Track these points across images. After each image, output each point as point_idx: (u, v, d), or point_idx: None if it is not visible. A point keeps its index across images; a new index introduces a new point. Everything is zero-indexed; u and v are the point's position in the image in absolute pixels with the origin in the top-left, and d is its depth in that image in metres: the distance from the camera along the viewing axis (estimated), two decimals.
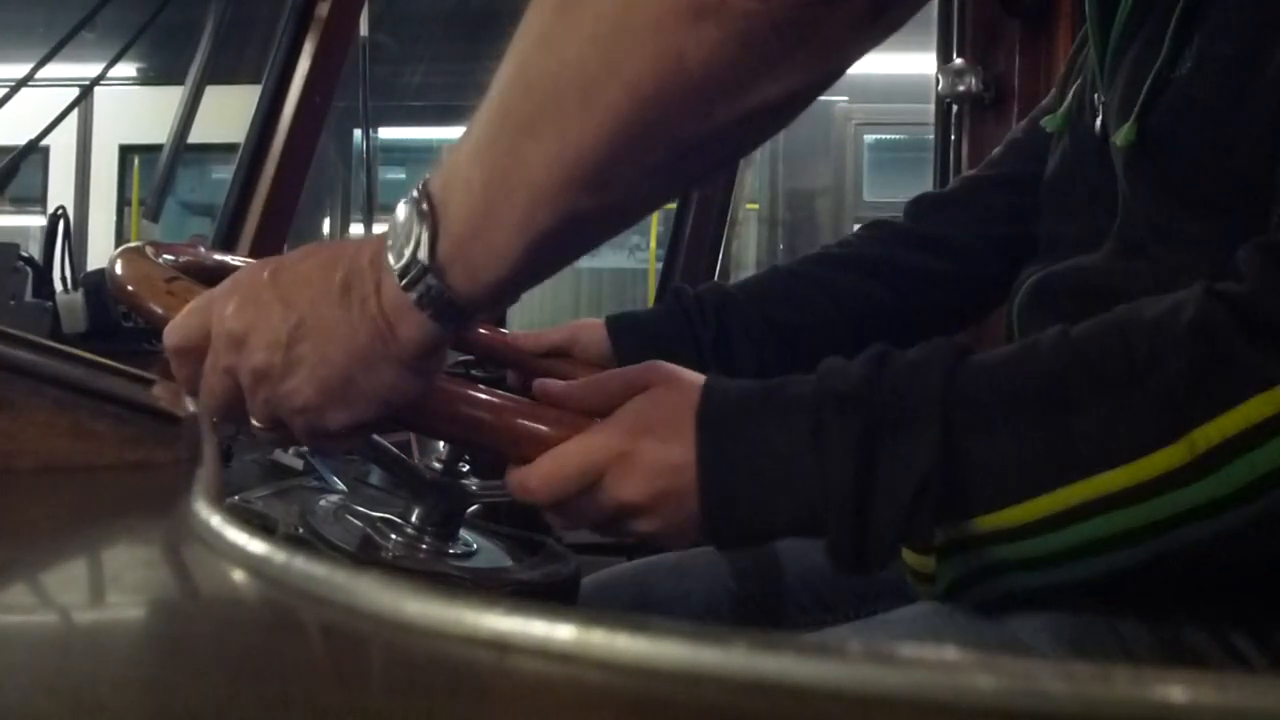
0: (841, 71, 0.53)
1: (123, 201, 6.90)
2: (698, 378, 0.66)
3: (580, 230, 0.56)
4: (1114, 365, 0.59)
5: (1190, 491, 0.57)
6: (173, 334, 0.64)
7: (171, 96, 1.86)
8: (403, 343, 0.59)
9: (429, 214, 0.56)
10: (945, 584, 0.63)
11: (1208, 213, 0.68)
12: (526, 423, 0.65)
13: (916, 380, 0.61)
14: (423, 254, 0.56)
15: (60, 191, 6.41)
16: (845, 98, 6.79)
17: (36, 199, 6.24)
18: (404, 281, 0.57)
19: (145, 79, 6.49)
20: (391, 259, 0.57)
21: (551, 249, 0.56)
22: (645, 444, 0.63)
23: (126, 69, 6.44)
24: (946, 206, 1.08)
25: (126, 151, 6.82)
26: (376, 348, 0.59)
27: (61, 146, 6.52)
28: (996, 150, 1.12)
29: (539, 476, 0.64)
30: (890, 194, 6.81)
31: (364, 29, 1.86)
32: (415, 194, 0.57)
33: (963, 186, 1.10)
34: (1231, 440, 0.56)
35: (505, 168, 0.54)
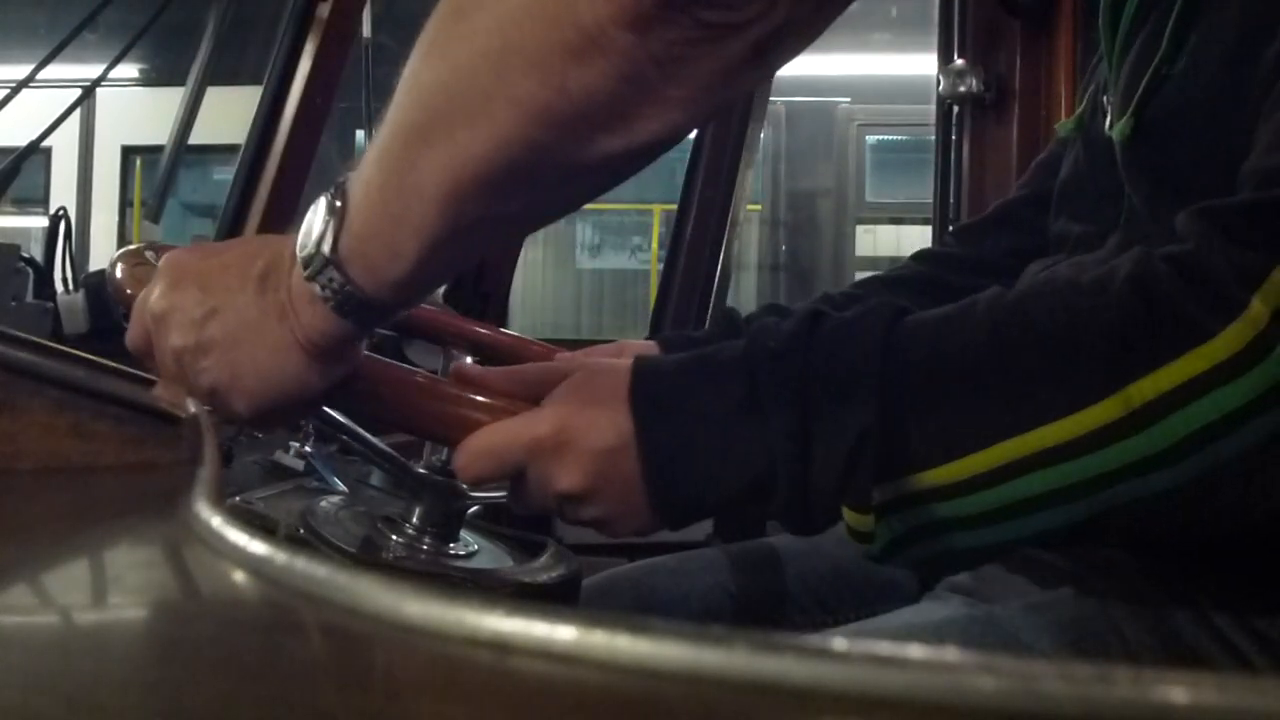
0: (726, 105, 0.55)
1: (124, 202, 6.90)
2: (627, 361, 0.65)
3: (473, 236, 0.57)
4: (1051, 321, 0.59)
5: (1125, 446, 0.57)
6: (129, 338, 0.68)
7: (173, 97, 1.86)
8: (307, 331, 0.61)
9: (339, 210, 0.58)
10: (883, 543, 0.62)
11: None
12: (449, 406, 0.65)
13: (852, 337, 0.61)
14: (325, 247, 0.58)
15: (62, 193, 6.40)
16: (848, 99, 6.79)
17: (39, 200, 6.24)
18: (307, 272, 0.59)
19: (147, 80, 6.48)
20: (299, 250, 0.60)
21: (448, 252, 0.58)
22: (573, 429, 0.63)
23: (128, 70, 6.44)
24: (984, 230, 1.10)
25: (129, 153, 6.82)
26: (283, 335, 0.61)
27: (64, 148, 6.51)
28: (1026, 174, 1.14)
29: (465, 455, 0.65)
30: (892, 195, 6.82)
31: (366, 30, 1.86)
32: (333, 189, 0.59)
33: (996, 210, 1.13)
34: (1166, 395, 0.56)
35: (400, 172, 0.56)
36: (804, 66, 6.70)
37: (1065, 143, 0.97)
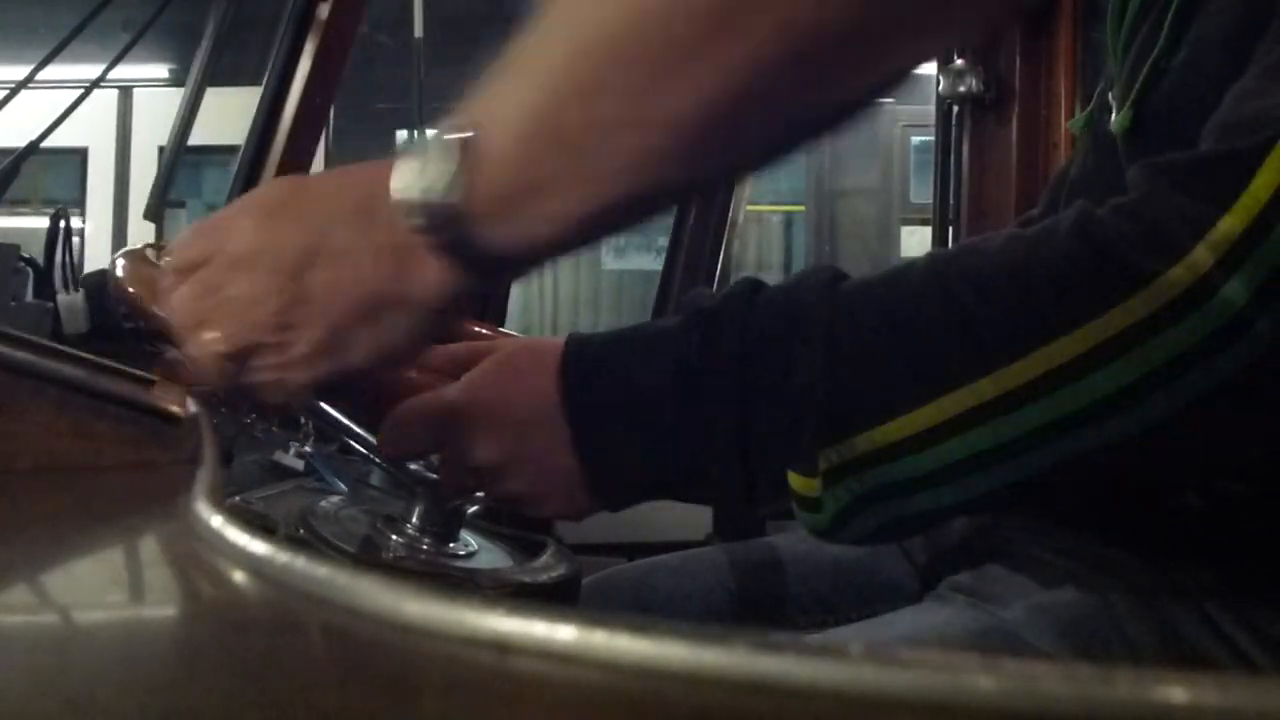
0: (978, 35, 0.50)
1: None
2: (557, 340, 0.64)
3: (653, 202, 0.51)
4: (996, 270, 0.58)
5: (1073, 391, 0.56)
6: (177, 252, 0.59)
7: (209, 98, 1.84)
8: (423, 284, 0.52)
9: (469, 157, 0.49)
10: (831, 513, 0.60)
11: None
12: (378, 378, 0.65)
13: (791, 297, 0.60)
14: (453, 197, 0.49)
15: (99, 193, 6.38)
16: (891, 99, 6.79)
17: (74, 201, 6.24)
18: (421, 223, 0.51)
19: (177, 80, 6.43)
20: (401, 194, 0.51)
21: (613, 218, 0.51)
22: (486, 401, 0.62)
23: (158, 70, 6.42)
24: None
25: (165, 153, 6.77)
26: (395, 286, 0.53)
27: (100, 148, 6.46)
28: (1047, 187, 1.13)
29: (387, 427, 0.64)
30: None
31: (419, 30, 1.84)
32: (453, 130, 0.50)
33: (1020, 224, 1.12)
34: (1115, 339, 0.55)
35: (577, 128, 0.48)
36: None
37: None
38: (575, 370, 0.61)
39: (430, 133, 0.52)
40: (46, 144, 1.40)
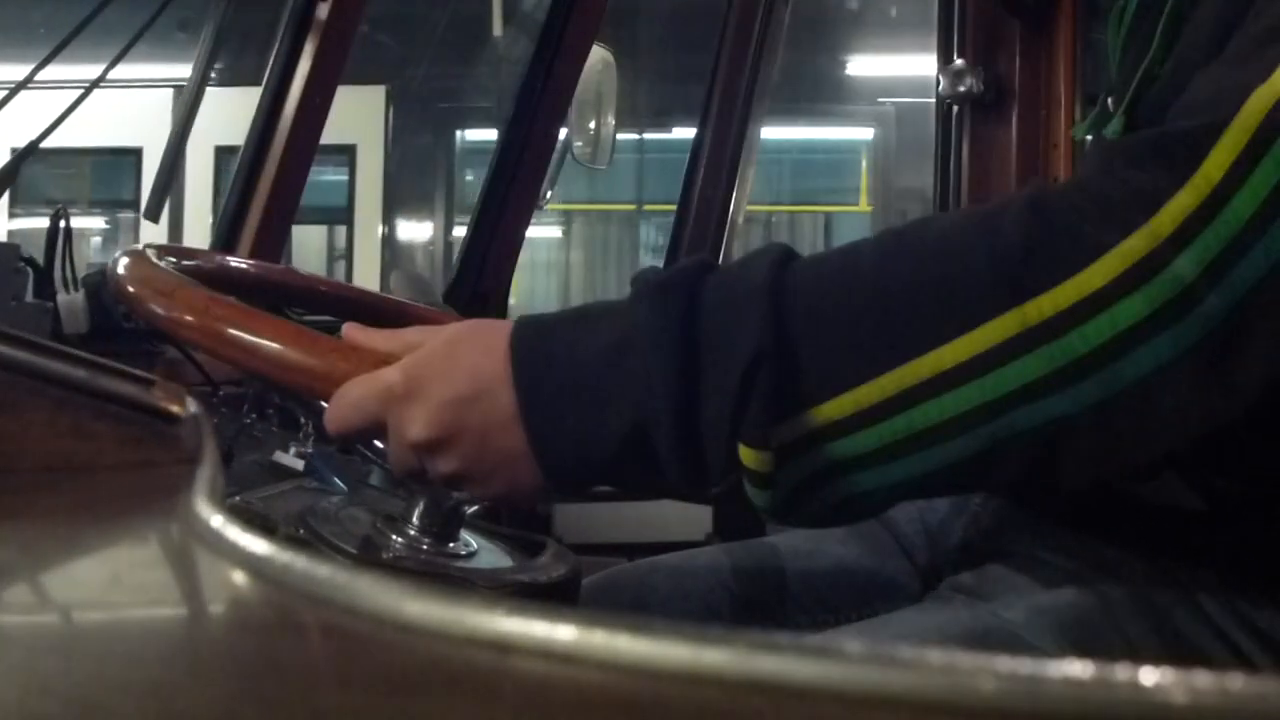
0: None
1: (218, 204, 6.84)
2: (505, 320, 0.65)
3: None
4: (946, 242, 0.58)
5: (1021, 365, 0.55)
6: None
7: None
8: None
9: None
10: (785, 491, 0.59)
11: None
12: (323, 359, 0.65)
13: (741, 273, 0.60)
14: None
15: None
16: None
17: (129, 202, 6.22)
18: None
19: (223, 80, 6.38)
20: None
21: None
22: (422, 377, 0.62)
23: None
24: None
25: (222, 153, 6.68)
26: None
27: (156, 148, 6.41)
28: None
29: (331, 406, 0.64)
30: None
31: (498, 29, 1.82)
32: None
33: None
34: (1065, 312, 0.55)
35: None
36: (915, 68, 6.77)
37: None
38: (522, 343, 0.61)
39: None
40: (102, 145, 1.40)
